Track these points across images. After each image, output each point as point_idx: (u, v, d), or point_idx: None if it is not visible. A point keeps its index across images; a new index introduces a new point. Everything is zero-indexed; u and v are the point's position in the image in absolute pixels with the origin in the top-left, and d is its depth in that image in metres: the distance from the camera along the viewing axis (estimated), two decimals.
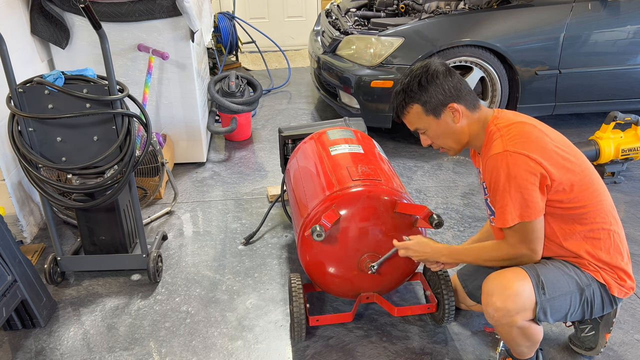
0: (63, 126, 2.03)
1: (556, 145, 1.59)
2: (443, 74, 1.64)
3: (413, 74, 1.66)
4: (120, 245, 2.36)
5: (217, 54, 5.16)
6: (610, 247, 1.61)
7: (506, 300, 1.54)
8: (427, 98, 1.64)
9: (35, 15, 2.82)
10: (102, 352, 2.00)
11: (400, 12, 4.04)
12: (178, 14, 2.92)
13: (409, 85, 1.66)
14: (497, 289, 1.56)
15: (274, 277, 2.41)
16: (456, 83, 1.64)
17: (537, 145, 1.54)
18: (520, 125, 1.59)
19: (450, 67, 1.68)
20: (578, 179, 1.56)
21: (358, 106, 3.56)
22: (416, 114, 1.68)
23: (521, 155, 1.51)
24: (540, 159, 1.52)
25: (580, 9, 3.35)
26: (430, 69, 1.64)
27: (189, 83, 3.18)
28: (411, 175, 3.30)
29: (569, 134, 3.85)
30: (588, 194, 1.58)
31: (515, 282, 1.55)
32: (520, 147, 1.53)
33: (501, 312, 1.55)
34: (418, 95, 1.65)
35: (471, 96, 1.67)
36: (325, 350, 1.99)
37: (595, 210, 1.59)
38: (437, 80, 1.63)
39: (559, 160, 1.55)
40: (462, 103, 1.65)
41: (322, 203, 1.90)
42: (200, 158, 3.48)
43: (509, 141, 1.55)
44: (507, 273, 1.59)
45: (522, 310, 1.55)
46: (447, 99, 1.64)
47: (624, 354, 1.95)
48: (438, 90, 1.63)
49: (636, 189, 3.09)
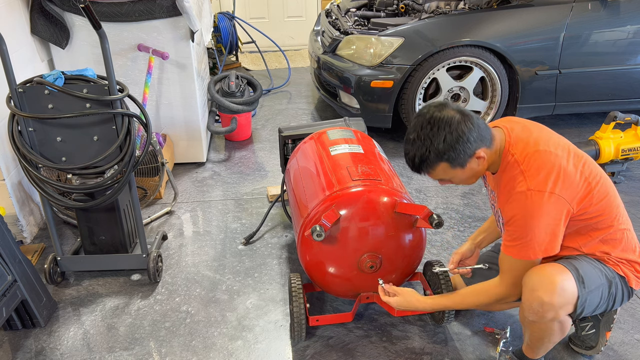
0: (63, 126, 2.03)
1: (575, 165, 1.56)
2: (466, 125, 1.53)
3: (433, 132, 1.54)
4: (120, 245, 2.36)
5: (217, 54, 5.16)
6: (625, 244, 1.64)
7: (552, 295, 1.53)
8: (454, 156, 1.55)
9: (35, 15, 2.82)
10: (102, 352, 2.00)
11: (400, 12, 4.04)
12: (178, 14, 2.92)
13: (432, 144, 1.54)
14: (542, 284, 1.54)
15: (274, 277, 2.41)
16: (477, 128, 1.55)
17: (559, 177, 1.52)
18: (538, 155, 1.55)
19: (465, 112, 1.57)
20: (596, 192, 1.57)
21: (358, 106, 3.56)
22: (442, 170, 1.61)
23: (546, 194, 1.50)
24: (564, 195, 1.51)
25: (580, 9, 3.35)
26: (453, 124, 1.52)
27: (189, 83, 3.18)
28: (411, 175, 3.30)
29: (569, 133, 3.86)
30: (604, 202, 1.59)
31: (559, 276, 1.55)
32: (543, 184, 1.50)
33: (547, 307, 1.54)
34: (445, 155, 1.55)
35: (488, 132, 1.60)
36: (325, 350, 1.99)
37: (610, 215, 1.61)
38: (463, 137, 1.53)
39: (580, 183, 1.54)
40: (485, 145, 1.59)
41: (322, 203, 1.90)
42: (200, 158, 3.48)
43: (531, 178, 1.52)
44: (548, 268, 1.57)
45: (565, 304, 1.56)
46: (473, 150, 1.57)
47: (624, 354, 1.95)
48: (466, 146, 1.54)
49: (636, 189, 3.09)
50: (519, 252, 1.58)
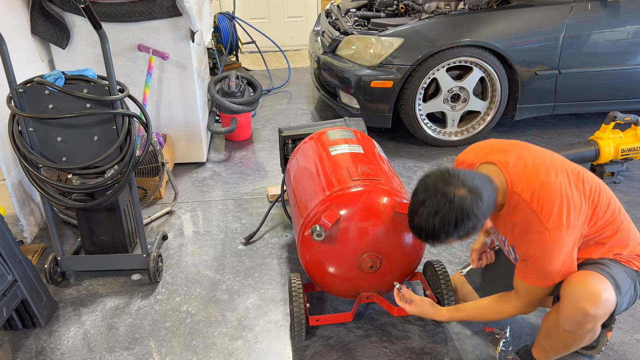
0: (63, 126, 2.03)
1: (577, 187, 1.55)
2: (477, 205, 1.47)
3: (444, 214, 1.48)
4: (120, 245, 2.36)
5: (217, 54, 5.16)
6: (630, 241, 1.64)
7: (598, 307, 1.50)
8: (464, 233, 1.52)
9: (36, 15, 2.82)
10: (102, 351, 2.00)
11: (400, 12, 4.04)
12: (178, 14, 2.93)
13: (444, 227, 1.50)
14: (586, 295, 1.51)
15: (274, 277, 2.41)
16: (486, 203, 1.50)
17: (570, 207, 1.51)
18: (544, 189, 1.52)
19: (474, 188, 1.49)
20: (600, 208, 1.58)
21: (358, 106, 3.56)
22: (451, 242, 1.58)
23: (563, 230, 1.49)
24: (578, 223, 1.52)
25: (580, 9, 3.35)
26: (465, 208, 1.46)
27: (189, 83, 3.18)
28: (411, 175, 3.31)
29: (568, 134, 3.86)
30: (608, 213, 1.60)
31: (601, 285, 1.52)
32: (559, 221, 1.49)
33: (590, 318, 1.52)
34: (455, 234, 1.52)
35: (494, 195, 1.54)
36: (325, 350, 1.99)
37: (615, 222, 1.62)
38: (474, 218, 1.49)
39: (585, 206, 1.54)
40: (492, 209, 1.55)
41: (322, 203, 1.90)
42: (200, 158, 3.48)
43: (547, 218, 1.50)
44: (589, 277, 1.54)
45: (605, 314, 1.54)
46: (483, 224, 1.54)
47: (624, 354, 1.95)
48: (476, 223, 1.50)
49: (636, 189, 3.09)
50: (538, 282, 1.58)
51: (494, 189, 1.55)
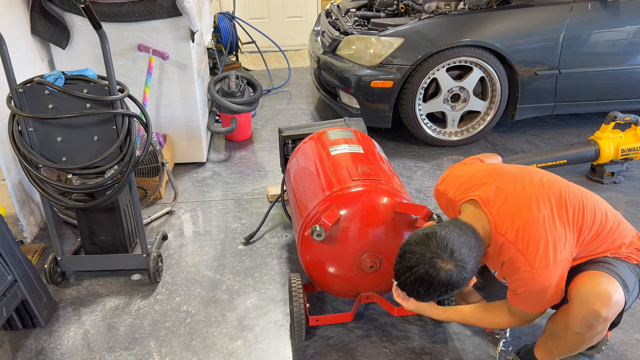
0: (63, 126, 2.03)
1: (559, 216, 1.55)
2: (462, 275, 1.49)
3: (430, 288, 1.49)
4: (120, 245, 2.36)
5: (217, 54, 5.16)
6: (623, 243, 1.64)
7: (610, 309, 1.50)
8: (449, 294, 1.55)
9: (36, 15, 2.82)
10: (102, 351, 2.00)
11: (400, 12, 4.04)
12: (178, 14, 2.93)
13: (428, 293, 1.52)
14: (597, 297, 1.50)
15: (274, 277, 2.41)
16: (471, 272, 1.51)
17: (555, 243, 1.51)
18: (528, 227, 1.52)
19: (459, 259, 1.48)
20: (585, 227, 1.57)
21: (358, 106, 3.56)
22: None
23: (551, 267, 1.50)
24: (565, 255, 1.52)
25: (580, 9, 3.35)
26: (452, 280, 1.48)
27: (189, 83, 3.18)
28: (411, 175, 3.31)
29: (569, 134, 3.86)
30: (595, 226, 1.60)
31: (611, 286, 1.51)
32: (546, 259, 1.49)
33: (602, 320, 1.52)
34: (441, 297, 1.55)
35: (480, 248, 1.55)
36: (325, 350, 1.99)
37: (604, 230, 1.61)
38: (461, 284, 1.51)
39: (571, 234, 1.54)
40: (478, 268, 1.57)
41: (322, 203, 1.90)
42: (200, 158, 3.48)
43: (533, 257, 1.50)
44: (598, 278, 1.53)
45: (615, 315, 1.54)
46: (469, 281, 1.55)
47: (624, 354, 1.95)
48: (461, 287, 1.53)
49: (636, 189, 3.09)
50: (530, 309, 1.59)
51: (479, 243, 1.55)
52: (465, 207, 1.68)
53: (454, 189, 1.76)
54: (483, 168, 1.78)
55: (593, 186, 3.14)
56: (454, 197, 1.74)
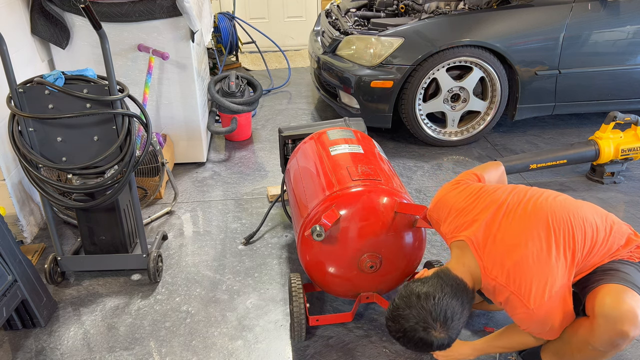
0: (63, 126, 2.03)
1: (548, 246, 1.53)
2: (451, 339, 1.52)
3: (421, 345, 1.53)
4: (120, 245, 2.36)
5: (217, 54, 5.17)
6: (620, 240, 1.62)
7: (637, 328, 1.46)
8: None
9: (36, 15, 2.82)
10: (102, 351, 2.00)
11: (400, 12, 4.04)
12: (178, 14, 2.93)
13: (420, 349, 1.55)
14: (625, 317, 1.45)
15: (274, 277, 2.41)
16: (458, 332, 1.53)
17: (547, 279, 1.49)
18: (518, 268, 1.51)
19: (451, 325, 1.50)
20: (578, 246, 1.55)
21: (358, 106, 3.56)
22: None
23: (546, 303, 1.48)
24: (561, 287, 1.50)
25: (580, 9, 3.35)
26: (443, 344, 1.52)
27: (189, 83, 3.18)
28: (411, 175, 3.31)
29: (568, 134, 3.86)
30: (588, 239, 1.57)
31: (636, 303, 1.47)
32: (541, 298, 1.48)
33: (629, 340, 1.48)
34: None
35: (468, 305, 1.56)
36: (325, 350, 1.99)
37: (598, 240, 1.59)
38: (447, 346, 1.54)
39: (563, 263, 1.52)
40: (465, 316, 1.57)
41: (322, 203, 1.90)
42: (200, 158, 3.48)
43: (527, 298, 1.49)
44: (622, 295, 1.48)
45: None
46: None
47: (624, 354, 1.95)
48: (450, 345, 1.55)
49: (636, 189, 3.09)
50: (545, 336, 1.59)
51: (470, 299, 1.56)
52: (455, 247, 1.67)
53: (445, 223, 1.74)
54: (474, 196, 1.72)
55: (593, 186, 3.14)
56: (445, 233, 1.74)
